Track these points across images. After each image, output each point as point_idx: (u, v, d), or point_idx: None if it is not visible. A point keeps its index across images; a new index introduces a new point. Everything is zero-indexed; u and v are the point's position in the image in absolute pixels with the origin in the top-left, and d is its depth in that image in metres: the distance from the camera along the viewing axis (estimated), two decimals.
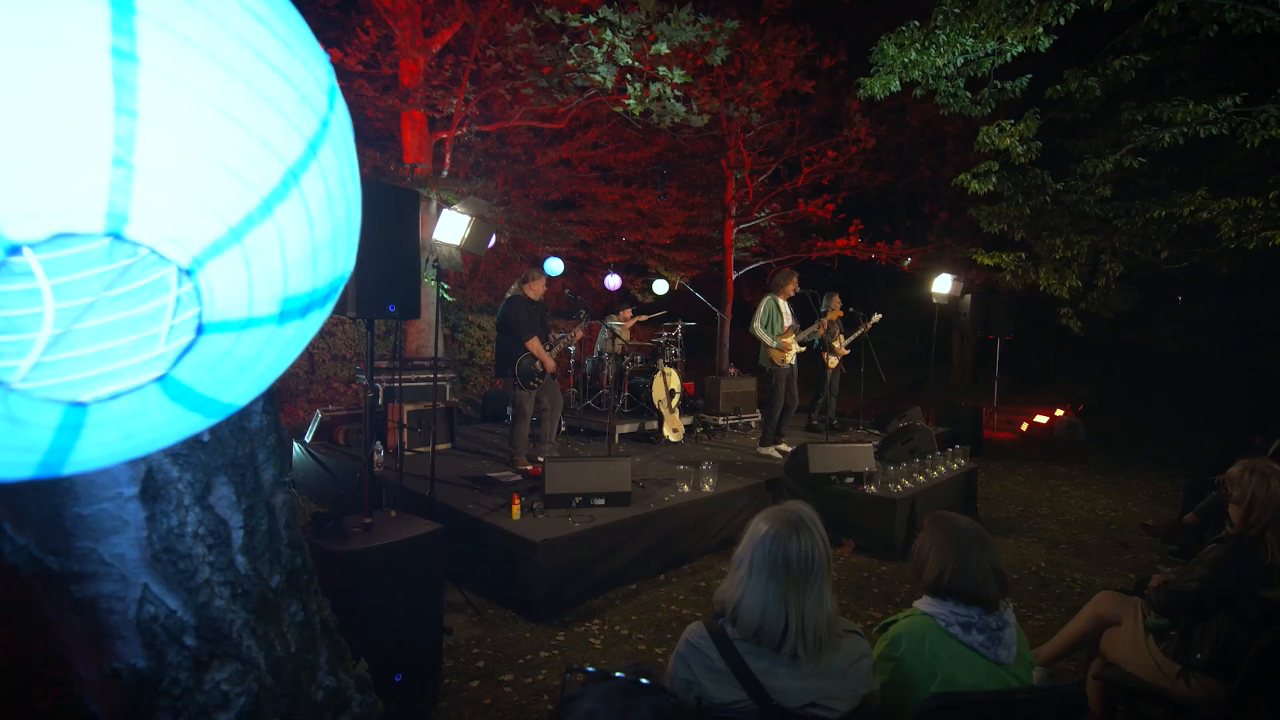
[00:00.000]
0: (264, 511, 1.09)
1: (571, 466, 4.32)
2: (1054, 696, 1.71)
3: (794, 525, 1.54)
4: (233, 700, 0.99)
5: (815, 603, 1.50)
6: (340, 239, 0.45)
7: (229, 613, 1.01)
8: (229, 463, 1.02)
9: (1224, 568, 2.28)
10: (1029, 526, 5.64)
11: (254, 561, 1.06)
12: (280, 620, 1.12)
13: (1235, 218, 6.36)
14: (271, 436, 1.13)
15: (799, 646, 1.48)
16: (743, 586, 1.53)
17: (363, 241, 2.60)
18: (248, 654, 1.02)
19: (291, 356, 0.49)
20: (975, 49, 5.91)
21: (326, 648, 1.24)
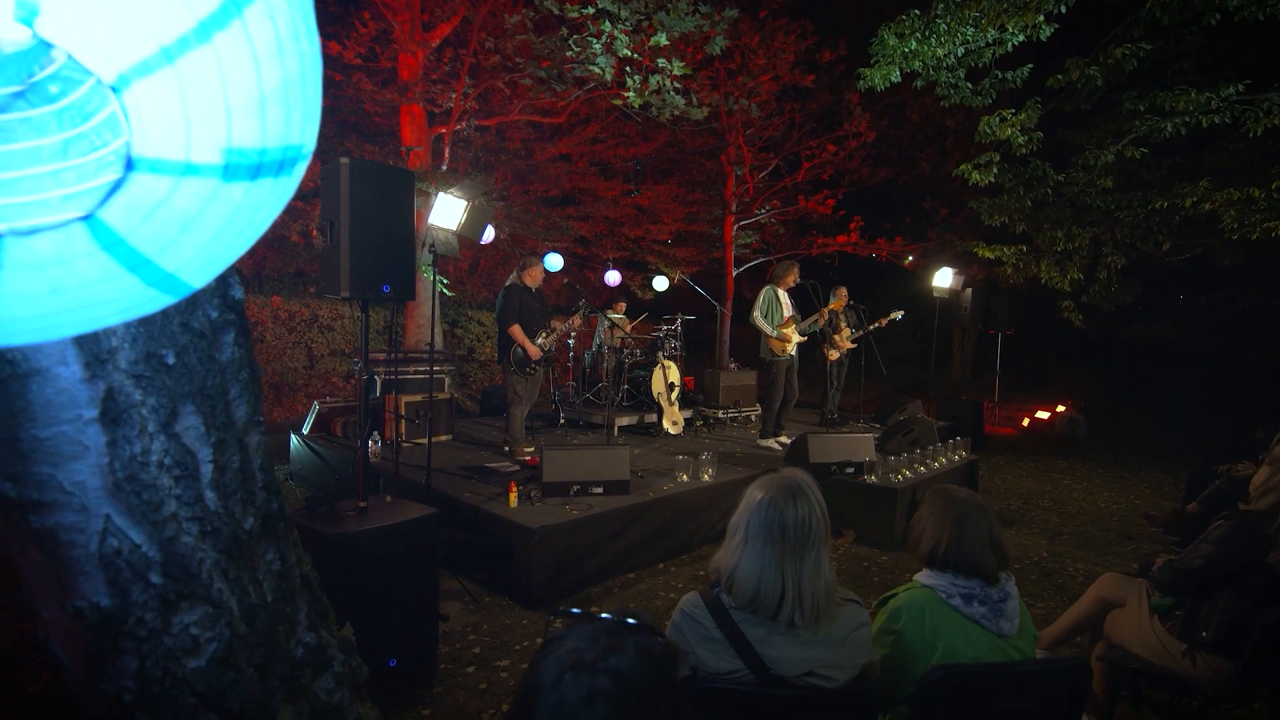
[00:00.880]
0: (236, 448, 1.05)
1: (569, 455, 4.28)
2: (1058, 669, 1.67)
3: (791, 491, 1.51)
4: (203, 645, 0.95)
5: (812, 569, 1.46)
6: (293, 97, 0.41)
7: (197, 551, 0.97)
8: (196, 391, 0.98)
9: (1231, 543, 2.25)
10: (1030, 518, 5.61)
11: (225, 499, 1.02)
12: (255, 566, 1.08)
13: (1238, 208, 6.32)
14: (244, 372, 1.09)
15: (796, 614, 1.44)
16: (739, 554, 1.50)
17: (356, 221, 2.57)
18: (218, 597, 0.99)
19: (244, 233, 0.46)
20: (976, 38, 5.87)
21: (307, 603, 1.21)
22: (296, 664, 1.15)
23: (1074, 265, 7.75)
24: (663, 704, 0.69)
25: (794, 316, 6.37)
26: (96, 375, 0.88)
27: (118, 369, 0.90)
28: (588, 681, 0.67)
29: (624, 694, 0.67)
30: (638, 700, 0.67)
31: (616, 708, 0.66)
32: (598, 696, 0.66)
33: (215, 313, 1.05)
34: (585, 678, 0.68)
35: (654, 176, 13.07)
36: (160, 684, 0.91)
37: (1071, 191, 7.26)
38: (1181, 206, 6.63)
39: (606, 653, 0.70)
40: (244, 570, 1.05)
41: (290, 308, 8.54)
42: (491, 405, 8.20)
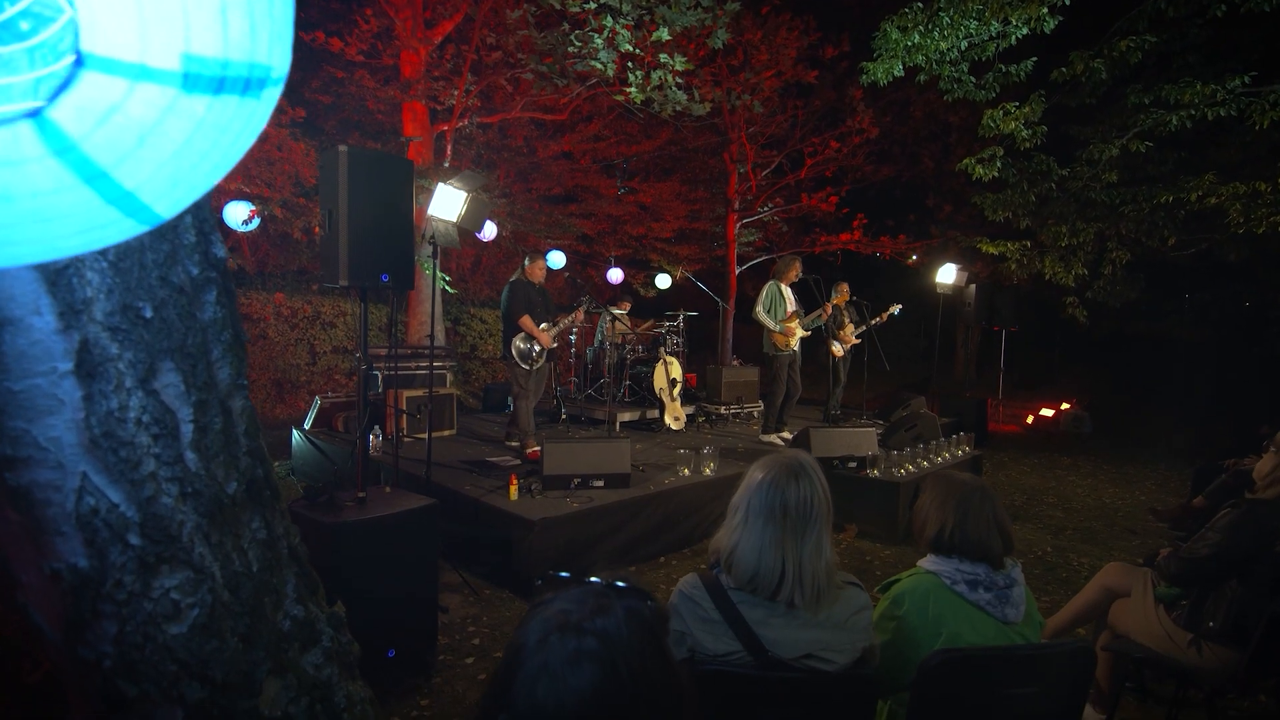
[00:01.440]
0: (218, 410, 1.03)
1: (570, 448, 4.27)
2: (1061, 654, 1.65)
3: (792, 471, 1.49)
4: (184, 611, 0.93)
5: (813, 550, 1.44)
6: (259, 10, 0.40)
7: (177, 512, 0.95)
8: (176, 348, 0.96)
9: (1238, 532, 2.22)
10: (1034, 514, 5.57)
11: (206, 461, 1.00)
12: (239, 533, 1.06)
13: (1244, 203, 6.27)
14: (227, 333, 1.07)
15: (796, 594, 1.42)
16: (738, 533, 1.47)
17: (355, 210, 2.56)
18: (200, 562, 0.97)
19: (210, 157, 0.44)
20: (979, 32, 5.83)
21: (295, 576, 1.19)
22: (283, 637, 1.13)
23: (1078, 261, 7.70)
24: (652, 665, 0.68)
25: (797, 311, 6.34)
26: (71, 326, 0.86)
27: (93, 320, 0.88)
28: (574, 642, 0.66)
29: (611, 654, 0.65)
30: (625, 661, 0.65)
31: (603, 668, 0.64)
32: (584, 657, 0.65)
33: (196, 269, 1.03)
34: (571, 638, 0.66)
35: (656, 174, 13.04)
36: (140, 650, 0.89)
37: (1076, 186, 7.22)
38: (1187, 201, 6.59)
39: (594, 614, 0.68)
40: (227, 536, 1.03)
41: (293, 305, 8.54)
42: (494, 401, 8.19)
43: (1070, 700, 1.67)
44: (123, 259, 0.91)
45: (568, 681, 0.63)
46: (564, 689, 0.63)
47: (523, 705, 0.64)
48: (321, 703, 1.14)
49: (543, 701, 0.63)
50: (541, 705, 0.63)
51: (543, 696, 0.63)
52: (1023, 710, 1.62)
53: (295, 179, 7.60)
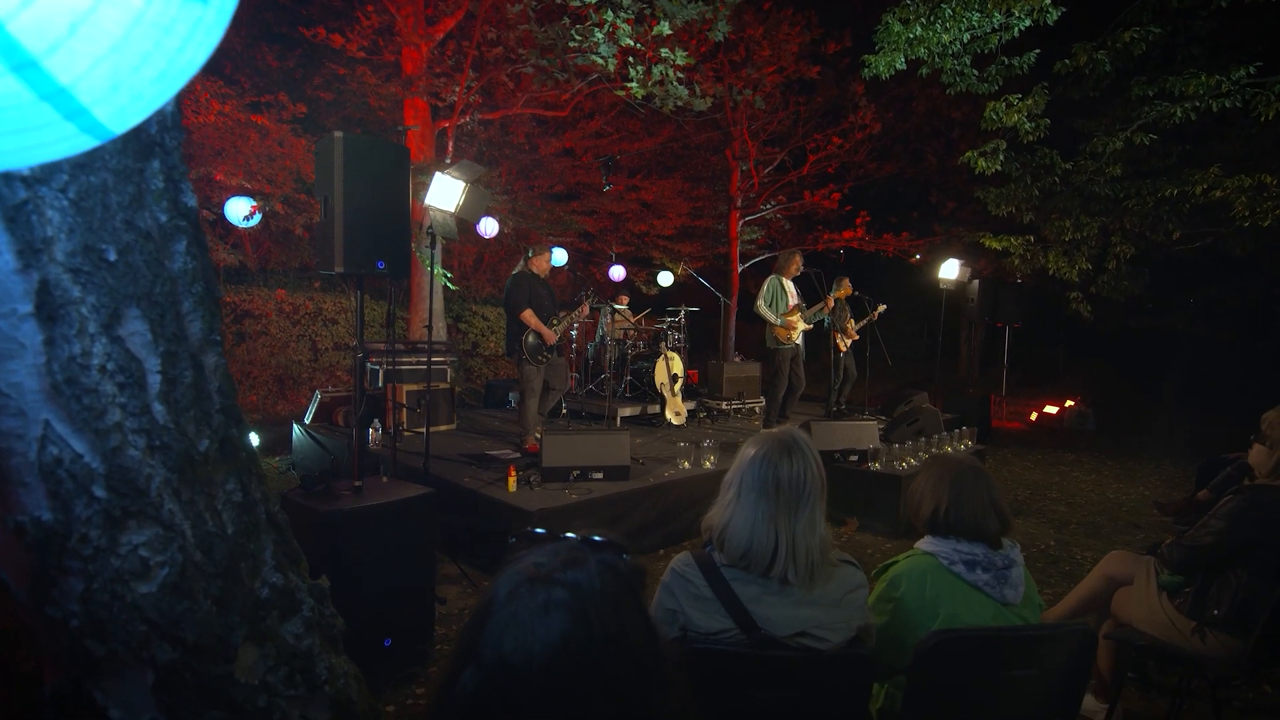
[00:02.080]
0: (188, 363, 1.01)
1: (569, 440, 4.25)
2: (1061, 636, 1.62)
3: (785, 446, 1.47)
4: (153, 569, 0.91)
5: (807, 525, 1.42)
6: None
7: (145, 465, 0.93)
8: (142, 295, 0.94)
9: (1241, 519, 2.18)
10: (1038, 509, 5.53)
11: (176, 415, 0.98)
12: (213, 493, 1.04)
13: (1249, 196, 6.22)
14: (198, 286, 1.05)
15: (789, 570, 1.40)
16: (731, 509, 1.46)
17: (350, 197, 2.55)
18: (170, 519, 0.95)
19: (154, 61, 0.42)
20: (982, 24, 5.80)
21: (274, 543, 1.17)
22: (261, 604, 1.11)
23: (1082, 255, 7.65)
24: (626, 618, 0.65)
25: (799, 305, 6.32)
26: (30, 265, 0.85)
27: (54, 260, 0.86)
28: (543, 594, 0.64)
29: (581, 605, 0.63)
30: (597, 612, 0.63)
31: (574, 617, 0.62)
32: (553, 608, 0.62)
33: (165, 216, 1.01)
34: (541, 590, 0.64)
35: (659, 171, 13.03)
36: (108, 608, 0.87)
37: (1079, 180, 7.17)
38: (1192, 194, 6.54)
39: (565, 566, 0.66)
40: (199, 494, 1.01)
41: (294, 301, 8.55)
42: (495, 398, 8.18)
43: (1069, 684, 1.65)
44: (85, 198, 0.90)
45: (536, 632, 0.61)
46: (531, 639, 0.61)
47: (489, 657, 0.62)
48: (301, 673, 1.12)
49: (510, 653, 0.61)
50: (508, 657, 0.61)
51: (510, 648, 0.61)
52: (1021, 693, 1.60)
53: (296, 175, 7.61)
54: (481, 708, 0.61)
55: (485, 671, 0.61)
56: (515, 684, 0.60)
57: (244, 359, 8.12)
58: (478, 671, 0.62)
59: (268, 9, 9.28)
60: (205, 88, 6.75)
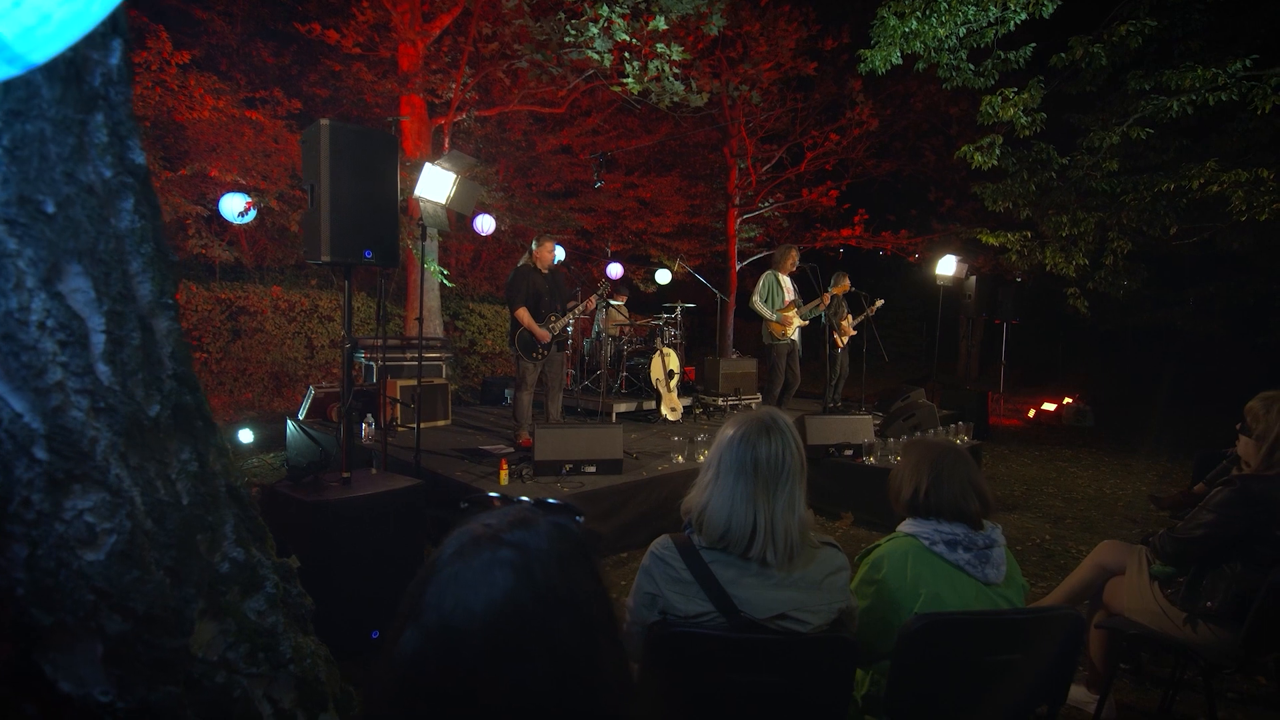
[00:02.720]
0: (136, 325, 0.99)
1: (562, 433, 4.23)
2: (1048, 619, 1.60)
3: (763, 426, 1.46)
4: (100, 536, 0.88)
5: (786, 505, 1.40)
6: None
7: (89, 428, 0.90)
8: (85, 251, 0.91)
9: (1231, 510, 2.16)
10: (1034, 504, 5.51)
11: (123, 377, 0.96)
12: (165, 462, 1.02)
13: (1246, 190, 6.20)
14: (148, 246, 1.03)
15: (768, 551, 1.38)
16: (710, 489, 1.44)
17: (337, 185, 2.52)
18: (117, 484, 0.93)
19: None
20: (978, 17, 5.78)
21: (234, 517, 1.15)
22: (221, 578, 1.09)
23: (1079, 251, 7.63)
24: (575, 580, 0.63)
25: (795, 301, 6.30)
26: None
27: None
28: (489, 552, 0.62)
29: (528, 564, 0.61)
30: (543, 571, 0.61)
31: (519, 575, 0.60)
32: (499, 565, 0.60)
33: (110, 171, 0.99)
34: (487, 548, 0.62)
35: (657, 169, 13.02)
36: (54, 576, 0.85)
37: (1076, 175, 7.15)
38: (1189, 189, 6.51)
39: (514, 526, 0.64)
40: (149, 461, 0.99)
41: (290, 298, 8.53)
42: (491, 395, 8.16)
43: (1057, 669, 1.62)
44: (20, 147, 0.87)
45: (479, 591, 0.59)
46: (474, 597, 0.59)
47: (431, 616, 0.60)
48: (264, 651, 1.10)
49: (451, 611, 0.59)
50: (449, 615, 0.59)
51: (451, 606, 0.59)
52: (1009, 677, 1.58)
53: (292, 171, 7.59)
54: (421, 667, 0.59)
55: (426, 630, 0.60)
56: (456, 643, 0.58)
57: (240, 356, 8.10)
58: (418, 631, 0.60)
59: (263, 5, 9.29)
60: (199, 83, 6.73)
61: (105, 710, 0.89)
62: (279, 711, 1.10)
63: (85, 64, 0.97)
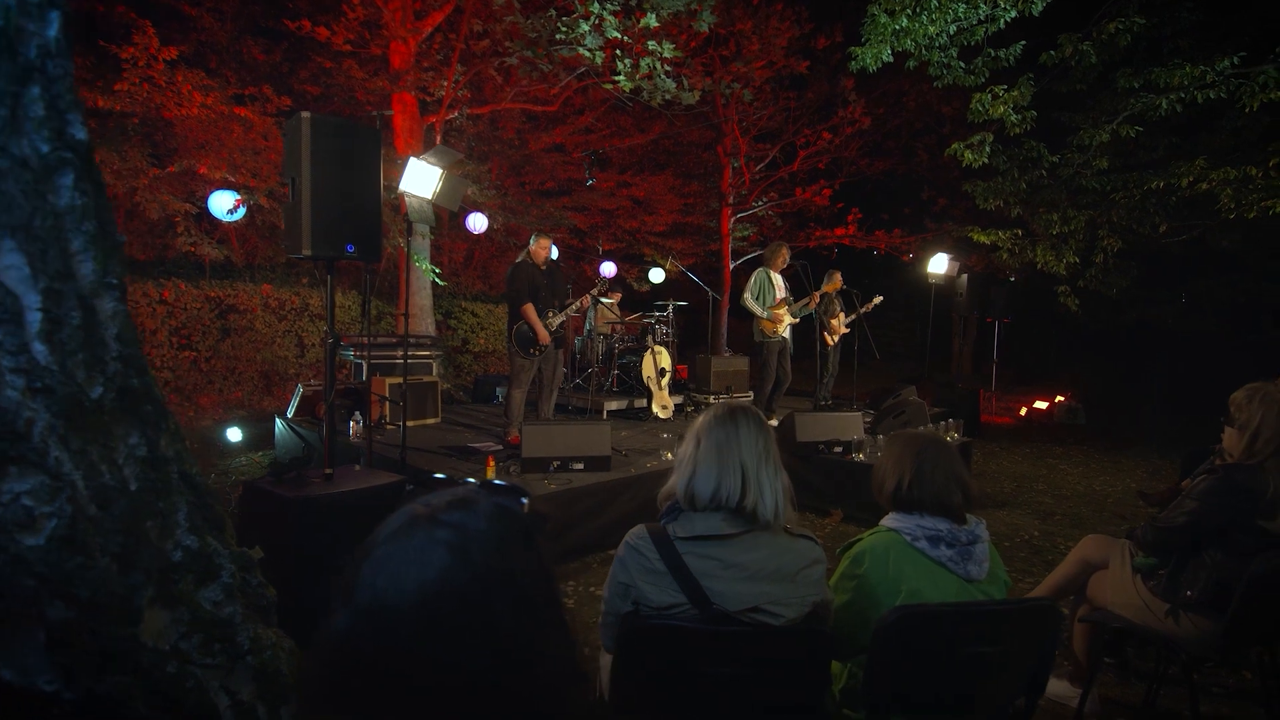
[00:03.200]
0: (76, 305, 0.97)
1: (549, 430, 4.21)
2: (1024, 612, 1.59)
3: (732, 411, 1.53)
4: (39, 520, 0.86)
5: (770, 469, 1.46)
6: None
7: (25, 408, 0.88)
8: (19, 227, 0.89)
9: (1213, 498, 2.16)
10: (1023, 500, 5.51)
11: (61, 357, 0.93)
12: (111, 446, 1.00)
13: (1235, 188, 6.22)
14: (89, 224, 1.00)
15: (759, 505, 1.42)
16: (692, 463, 1.48)
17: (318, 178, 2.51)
18: (56, 467, 0.90)
19: None
20: (968, 15, 5.78)
21: (188, 504, 1.12)
22: (173, 566, 1.07)
23: (1070, 249, 7.64)
24: (514, 561, 0.62)
25: (786, 298, 6.29)
26: None
27: None
28: (426, 532, 0.60)
29: (464, 544, 0.59)
30: (480, 552, 0.60)
31: (455, 555, 0.59)
32: (435, 545, 0.59)
33: (46, 146, 0.97)
34: (424, 528, 0.61)
35: (650, 168, 13.00)
36: None
37: (1067, 173, 7.17)
38: (1178, 187, 6.53)
39: (453, 506, 0.63)
40: (92, 445, 0.97)
41: (280, 296, 8.49)
42: (483, 393, 8.13)
43: (1034, 662, 1.61)
44: None
45: (412, 570, 0.58)
46: (407, 577, 0.57)
47: (364, 595, 0.58)
48: (220, 641, 1.08)
49: (384, 590, 0.57)
50: (382, 595, 0.57)
51: (384, 585, 0.58)
52: (984, 670, 1.57)
53: (281, 169, 7.54)
54: (354, 647, 0.57)
55: (359, 610, 0.58)
56: (388, 622, 0.57)
57: (230, 354, 8.06)
58: (350, 610, 0.58)
59: (253, 2, 9.24)
60: (187, 79, 6.68)
61: (51, 700, 0.87)
62: (237, 704, 1.08)
63: (19, 35, 0.94)
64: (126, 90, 6.58)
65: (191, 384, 7.82)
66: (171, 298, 7.64)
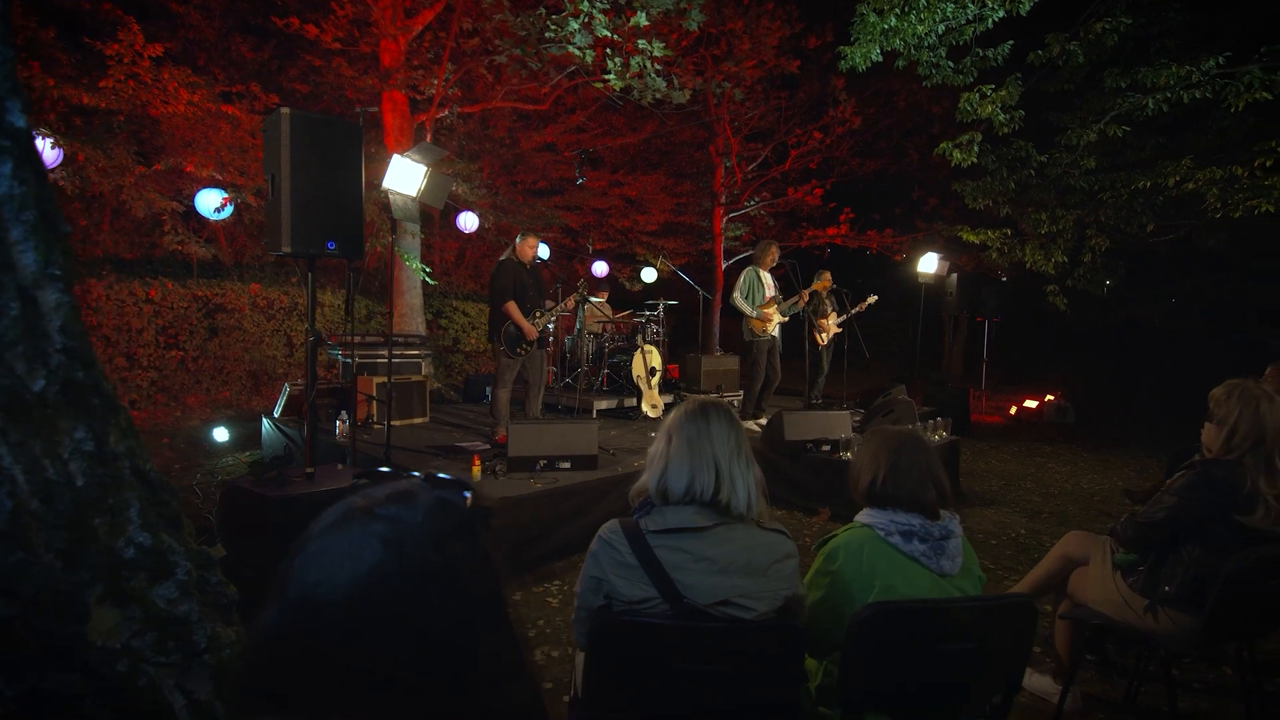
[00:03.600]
0: (15, 296, 0.94)
1: (536, 429, 4.19)
2: (999, 608, 1.59)
3: (702, 406, 1.52)
4: None
5: (741, 462, 1.46)
6: None
7: None
8: None
9: (1193, 493, 2.17)
10: (1011, 499, 5.53)
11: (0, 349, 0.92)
12: (55, 440, 0.98)
13: (1220, 187, 6.26)
14: (29, 214, 0.98)
15: (732, 498, 1.42)
16: (664, 459, 1.48)
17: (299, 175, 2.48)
18: None
19: None
20: (956, 15, 5.80)
21: (141, 500, 1.11)
22: (125, 564, 1.05)
23: (1058, 248, 7.68)
24: (453, 556, 0.60)
25: (775, 297, 6.29)
26: None
27: None
28: (360, 526, 0.59)
29: (399, 538, 0.58)
30: (415, 546, 0.58)
31: (388, 550, 0.57)
32: (369, 539, 0.58)
33: None
34: (359, 522, 0.59)
35: (643, 167, 13.00)
36: None
37: (1055, 173, 7.20)
38: (1165, 186, 6.57)
39: (391, 500, 0.61)
40: (34, 439, 0.95)
41: (269, 295, 8.43)
42: (474, 393, 8.10)
43: (1009, 658, 1.61)
44: None
45: (344, 565, 0.56)
46: (338, 571, 0.56)
47: (293, 591, 0.57)
48: (175, 640, 1.06)
49: (314, 584, 0.56)
50: (312, 588, 0.56)
51: (315, 579, 0.56)
52: (959, 666, 1.56)
53: None
54: (282, 642, 0.56)
55: (288, 604, 0.57)
56: (316, 616, 0.55)
57: (217, 354, 8.00)
58: (280, 605, 0.57)
59: None
60: (173, 76, 6.63)
61: None
62: (194, 703, 1.07)
63: None
64: (111, 87, 6.51)
65: (179, 384, 7.76)
66: (158, 297, 7.57)
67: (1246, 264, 8.32)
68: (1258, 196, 6.02)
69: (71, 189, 7.06)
